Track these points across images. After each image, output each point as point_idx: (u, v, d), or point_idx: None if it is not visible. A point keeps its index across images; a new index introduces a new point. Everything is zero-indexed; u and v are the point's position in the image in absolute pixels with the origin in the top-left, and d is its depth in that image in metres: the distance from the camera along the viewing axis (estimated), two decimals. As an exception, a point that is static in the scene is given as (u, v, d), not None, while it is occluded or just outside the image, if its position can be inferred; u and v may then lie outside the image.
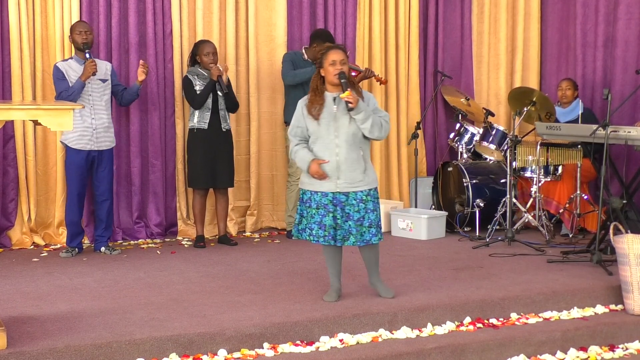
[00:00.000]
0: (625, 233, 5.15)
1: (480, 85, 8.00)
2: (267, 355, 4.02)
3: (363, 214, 4.52)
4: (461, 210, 7.03)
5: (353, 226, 4.51)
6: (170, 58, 6.77)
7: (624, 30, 7.17)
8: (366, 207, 4.52)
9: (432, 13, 7.76)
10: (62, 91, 5.79)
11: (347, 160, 4.49)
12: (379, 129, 4.50)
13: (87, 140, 5.89)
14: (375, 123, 4.48)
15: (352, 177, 4.50)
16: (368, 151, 4.64)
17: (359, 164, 4.52)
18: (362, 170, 4.52)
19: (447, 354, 4.19)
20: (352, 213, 4.51)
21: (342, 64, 4.50)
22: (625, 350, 4.57)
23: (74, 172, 5.92)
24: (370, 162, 4.65)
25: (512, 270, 5.51)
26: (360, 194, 4.52)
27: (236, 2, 6.95)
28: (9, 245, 6.30)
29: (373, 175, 4.60)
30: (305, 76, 6.66)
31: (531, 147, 6.71)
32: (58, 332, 3.97)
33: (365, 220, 4.52)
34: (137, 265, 5.68)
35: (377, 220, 4.57)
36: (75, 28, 5.94)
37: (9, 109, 3.75)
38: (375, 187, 4.59)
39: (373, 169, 4.65)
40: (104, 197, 6.06)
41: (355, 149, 4.52)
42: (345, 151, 4.49)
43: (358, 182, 4.51)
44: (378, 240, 4.58)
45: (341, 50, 4.58)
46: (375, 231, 4.55)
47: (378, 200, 4.61)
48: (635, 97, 6.93)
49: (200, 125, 6.28)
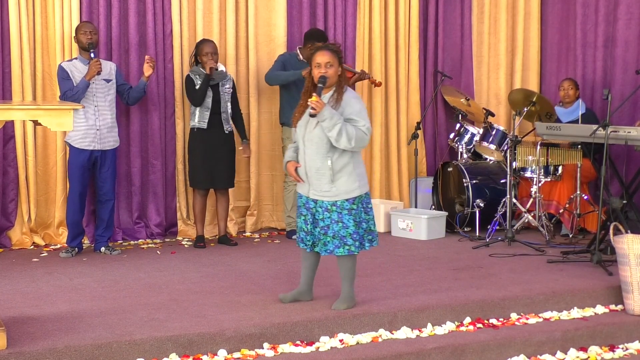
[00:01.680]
0: (625, 233, 5.15)
1: (480, 85, 8.00)
2: (267, 355, 4.02)
3: (328, 224, 4.36)
4: (461, 210, 7.03)
5: (319, 234, 4.41)
6: (170, 58, 6.77)
7: (624, 30, 7.18)
8: (331, 217, 4.34)
9: (432, 13, 7.76)
10: (67, 91, 5.79)
11: (311, 169, 4.35)
12: (347, 140, 4.21)
13: (90, 140, 5.89)
14: (344, 132, 4.20)
15: (318, 185, 4.35)
16: (344, 160, 4.32)
17: (325, 173, 4.31)
18: (329, 181, 4.31)
19: (447, 354, 4.19)
20: (319, 220, 4.40)
21: (328, 67, 4.31)
22: (625, 350, 4.57)
23: (77, 172, 5.92)
24: (352, 172, 4.34)
25: (512, 270, 5.51)
26: (326, 203, 4.35)
27: (236, 2, 6.95)
28: (9, 245, 6.30)
29: (346, 187, 4.32)
30: (288, 79, 6.60)
31: (531, 147, 6.71)
32: (58, 332, 3.97)
33: (330, 230, 4.35)
34: (137, 265, 5.68)
35: (343, 233, 4.33)
36: (80, 28, 5.96)
37: (9, 109, 3.75)
38: (346, 198, 4.32)
39: (353, 179, 4.33)
40: (107, 197, 6.06)
41: (321, 157, 4.31)
42: (310, 159, 4.35)
43: (324, 192, 4.33)
44: (342, 253, 4.35)
45: (329, 51, 4.37)
46: (339, 243, 4.34)
47: (351, 212, 4.33)
48: (635, 97, 6.94)
49: (200, 124, 6.29)
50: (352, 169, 4.35)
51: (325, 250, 4.40)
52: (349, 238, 4.35)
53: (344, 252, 4.35)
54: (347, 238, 4.35)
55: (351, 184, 4.34)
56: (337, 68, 4.37)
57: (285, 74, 6.62)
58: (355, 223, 4.36)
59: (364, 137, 4.29)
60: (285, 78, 6.61)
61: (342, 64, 4.44)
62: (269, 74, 6.69)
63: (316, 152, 4.33)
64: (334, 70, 4.35)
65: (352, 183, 4.34)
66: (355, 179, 4.35)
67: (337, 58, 4.37)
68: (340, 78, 4.40)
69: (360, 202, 4.39)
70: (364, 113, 4.36)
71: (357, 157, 4.40)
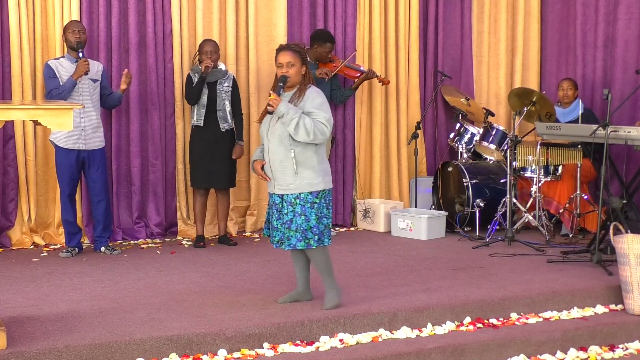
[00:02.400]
0: (625, 233, 5.15)
1: (480, 85, 8.00)
2: (267, 355, 4.02)
3: (291, 217, 4.37)
4: (461, 210, 7.03)
5: (283, 229, 4.41)
6: (170, 58, 6.77)
7: (624, 30, 7.18)
8: (294, 210, 4.36)
9: (432, 13, 7.76)
10: (53, 89, 5.76)
11: (274, 162, 4.40)
12: (305, 133, 4.28)
13: (75, 140, 5.86)
14: (302, 125, 4.27)
15: (283, 179, 4.39)
16: (308, 153, 4.37)
17: (288, 165, 4.35)
18: (292, 173, 4.35)
19: (447, 354, 4.19)
20: (284, 215, 4.41)
21: (289, 67, 4.39)
22: (625, 350, 4.57)
23: (65, 173, 5.90)
24: (316, 166, 4.38)
25: (512, 270, 5.51)
26: (291, 196, 4.37)
27: (236, 2, 6.95)
28: (9, 245, 6.30)
29: (310, 180, 4.36)
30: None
31: (531, 147, 6.71)
32: (58, 332, 3.97)
33: (293, 224, 4.36)
34: (137, 265, 5.68)
35: (304, 226, 4.34)
36: (69, 27, 5.93)
37: (9, 109, 3.75)
38: (310, 191, 4.35)
39: (317, 173, 4.38)
40: (99, 197, 6.04)
41: (284, 150, 4.36)
42: (274, 153, 4.40)
43: (288, 185, 4.37)
44: (302, 247, 4.36)
45: (291, 51, 4.44)
46: (300, 236, 4.35)
47: (314, 206, 4.36)
48: (635, 97, 6.94)
49: (197, 122, 6.31)
50: (316, 163, 4.40)
51: (289, 245, 4.40)
52: (309, 232, 4.36)
53: (304, 245, 4.37)
54: (308, 232, 4.36)
55: (315, 178, 4.38)
56: (300, 68, 4.44)
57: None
58: (317, 217, 4.38)
59: (324, 129, 4.34)
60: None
61: (306, 64, 4.49)
62: None
63: (279, 144, 4.38)
64: (296, 69, 4.42)
65: (316, 177, 4.39)
66: (320, 173, 4.40)
67: (299, 58, 4.44)
68: (304, 77, 4.48)
69: (323, 197, 4.42)
70: (325, 106, 4.42)
71: (321, 153, 4.45)
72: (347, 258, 5.97)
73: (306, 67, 4.50)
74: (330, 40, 6.80)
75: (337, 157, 7.38)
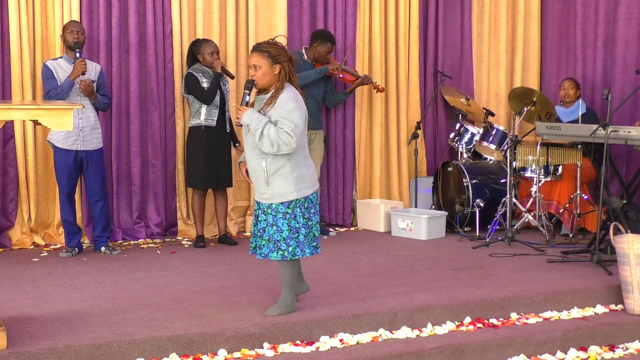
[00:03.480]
0: (625, 233, 5.15)
1: (480, 85, 8.01)
2: (267, 355, 4.02)
3: (264, 226, 4.29)
4: (461, 210, 7.03)
5: (257, 236, 4.38)
6: (170, 58, 6.77)
7: (624, 30, 7.18)
8: (266, 220, 4.28)
9: (432, 13, 7.76)
10: (51, 90, 5.76)
11: (250, 170, 4.34)
12: (269, 144, 4.11)
13: (73, 140, 5.85)
14: (267, 136, 4.10)
15: (257, 187, 4.31)
16: (280, 162, 4.20)
17: (260, 175, 4.25)
18: (264, 183, 4.24)
19: (447, 354, 4.19)
20: (259, 222, 4.35)
21: (256, 69, 4.19)
22: (625, 350, 4.57)
23: (63, 173, 5.90)
24: (288, 175, 4.22)
25: (512, 270, 5.51)
26: (264, 205, 4.30)
27: (236, 2, 6.95)
28: (9, 245, 6.30)
29: (281, 190, 4.22)
30: (310, 79, 6.67)
31: (531, 147, 6.71)
32: (58, 332, 3.97)
33: (265, 234, 4.28)
34: (137, 265, 5.68)
35: (277, 237, 4.24)
36: (67, 27, 5.92)
37: (9, 109, 3.75)
38: (282, 202, 4.22)
39: (289, 182, 4.22)
40: (97, 197, 6.03)
41: (256, 158, 4.25)
42: (249, 161, 4.32)
43: (262, 195, 4.28)
44: (276, 258, 4.25)
45: (257, 52, 4.22)
46: (272, 247, 4.25)
47: (286, 216, 4.23)
48: (635, 97, 6.94)
49: (208, 122, 6.27)
50: (288, 171, 4.22)
51: (261, 254, 4.31)
52: (282, 243, 4.24)
53: (278, 257, 4.24)
54: (281, 242, 4.24)
55: (287, 187, 4.22)
56: (269, 68, 4.21)
57: (311, 73, 6.72)
58: (290, 228, 4.24)
59: (289, 139, 4.11)
60: (314, 77, 6.73)
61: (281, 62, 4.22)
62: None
63: (251, 153, 4.27)
64: (262, 72, 4.20)
65: (288, 186, 4.22)
66: (292, 182, 4.22)
67: (267, 59, 4.20)
68: (279, 77, 4.24)
69: (298, 207, 4.25)
70: (295, 113, 4.16)
71: (295, 160, 4.25)
72: (347, 258, 5.97)
73: (280, 66, 4.22)
74: (331, 40, 6.81)
75: (337, 157, 7.38)
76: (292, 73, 4.30)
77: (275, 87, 4.25)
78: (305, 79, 6.64)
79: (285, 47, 4.31)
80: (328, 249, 6.25)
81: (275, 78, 4.24)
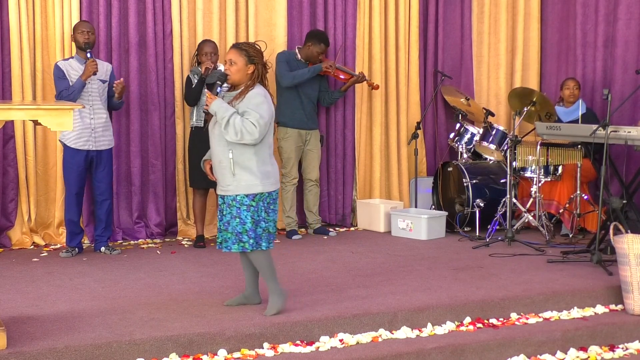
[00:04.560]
0: (625, 233, 5.15)
1: (480, 85, 8.00)
2: (267, 355, 4.02)
3: (228, 219, 4.32)
4: (461, 210, 7.03)
5: (222, 230, 4.39)
6: (170, 58, 6.77)
7: (624, 30, 7.18)
8: (231, 212, 4.31)
9: (432, 13, 7.76)
10: (63, 90, 5.79)
11: (215, 163, 4.36)
12: (234, 132, 4.19)
13: (85, 140, 5.88)
14: (232, 125, 4.19)
15: (222, 179, 4.34)
16: (247, 155, 4.27)
17: (226, 166, 4.29)
18: (230, 174, 4.28)
19: (447, 354, 4.19)
20: (224, 216, 4.37)
21: (230, 64, 4.31)
22: (625, 350, 4.57)
23: (73, 172, 5.92)
24: (254, 169, 4.28)
25: (512, 270, 5.51)
26: (229, 198, 4.32)
27: (236, 2, 6.95)
28: (9, 245, 6.30)
29: (247, 182, 4.27)
30: (304, 77, 6.70)
31: (531, 147, 6.71)
32: (58, 332, 3.97)
33: (230, 226, 4.32)
34: (137, 265, 5.68)
35: (239, 229, 4.27)
36: (78, 27, 5.94)
37: (9, 109, 3.75)
38: (247, 194, 4.27)
39: (255, 176, 4.28)
40: (104, 197, 6.06)
41: (222, 149, 4.29)
42: (215, 153, 4.36)
43: (227, 186, 4.31)
44: (237, 250, 4.31)
45: (235, 49, 4.34)
46: (235, 239, 4.30)
47: (250, 209, 4.27)
48: (635, 97, 6.94)
49: (197, 123, 6.31)
50: (254, 165, 4.29)
51: (226, 247, 4.35)
52: (244, 235, 4.29)
53: (239, 249, 4.31)
54: (243, 235, 4.29)
55: (253, 180, 4.29)
56: (244, 67, 4.31)
57: (305, 72, 6.72)
58: (253, 221, 4.29)
59: (253, 129, 4.20)
60: (309, 75, 6.73)
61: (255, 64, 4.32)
62: (285, 75, 6.71)
63: (218, 145, 4.32)
64: (236, 68, 4.31)
65: (254, 179, 4.29)
66: (258, 176, 4.29)
67: (244, 57, 4.31)
68: (251, 76, 4.33)
69: (262, 201, 4.31)
70: (263, 107, 4.26)
71: (261, 156, 4.32)
72: (347, 258, 5.97)
73: (255, 67, 4.33)
74: (325, 42, 6.81)
75: (337, 157, 7.38)
76: (265, 77, 4.42)
77: (246, 84, 4.35)
78: (300, 78, 6.68)
79: (263, 51, 4.43)
80: (328, 249, 6.26)
81: (248, 77, 4.35)
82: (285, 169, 6.86)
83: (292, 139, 6.85)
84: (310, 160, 6.99)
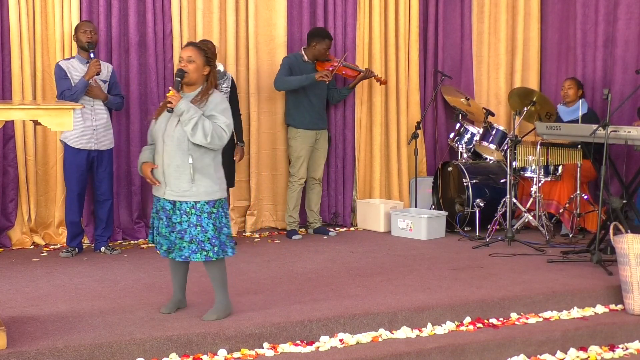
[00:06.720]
0: (625, 233, 5.15)
1: (480, 85, 8.00)
2: (267, 355, 4.02)
3: (185, 227, 4.14)
4: (461, 210, 7.03)
5: (175, 239, 4.19)
6: (170, 58, 6.77)
7: (624, 30, 7.18)
8: (189, 220, 4.13)
9: (432, 13, 7.76)
10: (65, 90, 5.78)
11: (169, 166, 4.15)
12: (203, 134, 4.05)
13: (87, 140, 5.89)
14: (200, 126, 4.06)
15: (177, 185, 4.14)
16: (206, 160, 4.17)
17: (185, 172, 4.12)
18: (189, 179, 4.11)
19: (447, 354, 4.19)
20: (176, 224, 4.17)
21: (189, 62, 4.17)
22: (625, 350, 4.57)
23: (74, 172, 5.92)
24: (213, 174, 4.19)
25: (512, 270, 5.51)
26: (185, 205, 4.14)
27: (236, 2, 6.95)
28: (9, 245, 6.30)
29: (207, 188, 4.15)
30: (293, 85, 6.63)
31: (531, 147, 6.71)
32: (58, 332, 3.97)
33: (187, 235, 4.14)
34: (137, 265, 5.68)
35: (201, 237, 4.14)
36: (80, 27, 5.94)
37: (9, 109, 3.75)
38: (207, 200, 4.14)
39: (214, 181, 4.18)
40: (105, 196, 6.06)
41: (181, 154, 4.12)
42: (170, 156, 4.15)
43: (184, 192, 4.12)
44: (199, 259, 4.16)
45: (193, 47, 4.25)
46: (196, 248, 4.14)
47: (211, 215, 4.16)
48: (635, 97, 6.94)
49: None
50: (213, 171, 4.20)
51: (181, 256, 4.18)
52: (207, 243, 4.15)
53: (201, 258, 4.16)
54: (205, 243, 4.15)
55: (212, 186, 4.17)
56: (201, 66, 4.22)
57: (297, 79, 6.62)
58: (215, 228, 4.18)
59: (223, 134, 4.13)
60: (298, 84, 6.63)
61: (212, 66, 4.26)
62: (277, 80, 6.69)
63: (177, 149, 4.14)
64: (195, 66, 4.20)
65: (214, 185, 4.18)
66: (217, 182, 4.20)
67: (202, 57, 4.23)
68: (209, 78, 4.27)
69: (221, 206, 4.22)
70: (228, 113, 4.21)
71: (217, 161, 4.25)
72: (347, 258, 5.97)
73: (211, 69, 4.26)
74: (328, 37, 6.80)
75: (337, 157, 7.38)
76: (216, 84, 4.33)
77: (204, 87, 4.25)
78: (290, 84, 6.62)
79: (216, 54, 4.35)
80: (328, 249, 6.26)
81: (203, 79, 4.26)
82: (294, 168, 6.86)
83: (303, 139, 6.83)
84: (316, 158, 6.98)
